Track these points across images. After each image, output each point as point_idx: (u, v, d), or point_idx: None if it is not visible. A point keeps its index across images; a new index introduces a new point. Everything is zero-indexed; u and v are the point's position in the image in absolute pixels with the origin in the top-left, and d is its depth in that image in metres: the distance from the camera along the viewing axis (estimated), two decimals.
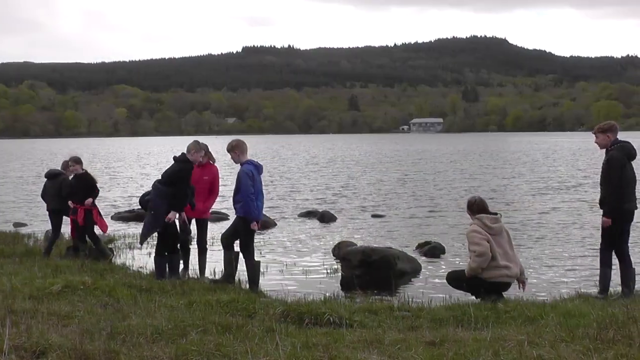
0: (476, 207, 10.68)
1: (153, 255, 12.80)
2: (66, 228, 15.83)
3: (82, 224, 14.77)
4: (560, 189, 33.86)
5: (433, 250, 17.06)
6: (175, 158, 12.28)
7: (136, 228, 20.99)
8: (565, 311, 8.85)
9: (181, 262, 13.03)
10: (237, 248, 12.17)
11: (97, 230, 15.17)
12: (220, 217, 23.68)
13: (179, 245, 12.75)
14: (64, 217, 15.23)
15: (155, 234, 12.39)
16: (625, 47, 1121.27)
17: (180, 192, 11.94)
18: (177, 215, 12.26)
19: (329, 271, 15.12)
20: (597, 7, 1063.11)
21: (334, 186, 38.21)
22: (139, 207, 14.33)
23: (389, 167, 56.88)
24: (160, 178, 12.28)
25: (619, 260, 11.06)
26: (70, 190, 14.79)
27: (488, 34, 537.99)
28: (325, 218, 23.85)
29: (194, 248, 13.75)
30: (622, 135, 11.14)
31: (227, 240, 12.13)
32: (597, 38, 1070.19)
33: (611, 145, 10.95)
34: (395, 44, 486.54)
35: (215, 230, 19.61)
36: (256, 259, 12.29)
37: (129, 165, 61.27)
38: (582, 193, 31.74)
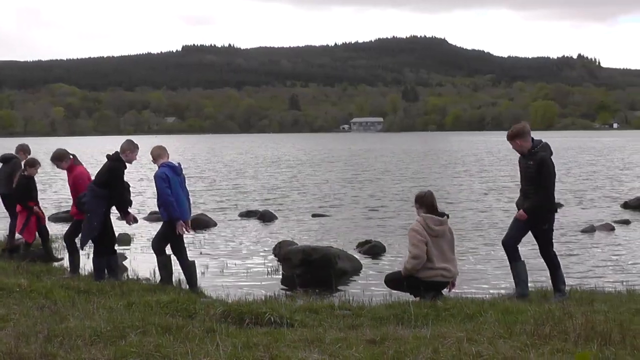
0: (424, 201, 10.57)
1: (91, 256, 12.62)
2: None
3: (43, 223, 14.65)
4: (505, 189, 34.26)
5: (373, 249, 17.15)
6: (108, 157, 12.11)
7: None
8: (503, 308, 8.97)
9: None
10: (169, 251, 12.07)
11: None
12: (159, 217, 23.47)
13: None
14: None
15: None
16: (561, 48, 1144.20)
17: (115, 192, 11.79)
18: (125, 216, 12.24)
19: (269, 271, 15.10)
20: (533, 9, 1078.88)
21: (275, 186, 38.17)
22: None
23: (331, 166, 57.01)
24: (95, 179, 12.11)
25: (549, 261, 10.85)
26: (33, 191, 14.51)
27: (427, 34, 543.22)
28: (266, 218, 23.80)
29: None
30: (559, 135, 11.18)
31: (157, 245, 11.96)
32: (533, 39, 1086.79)
33: (534, 147, 10.35)
34: (335, 44, 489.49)
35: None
36: (191, 259, 12.19)
37: None
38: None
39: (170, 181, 11.40)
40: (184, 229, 11.65)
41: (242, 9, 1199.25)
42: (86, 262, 13.82)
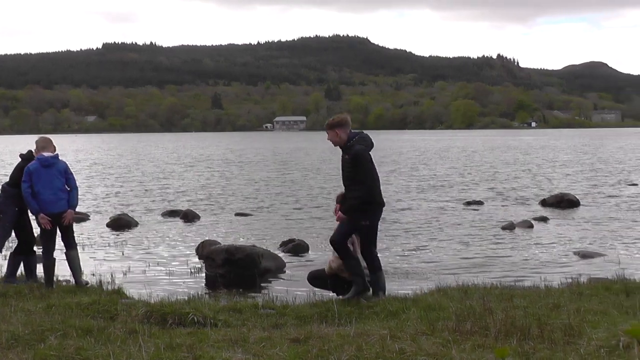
0: None
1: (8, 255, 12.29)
2: None
3: None
4: (432, 187, 34.63)
5: (297, 248, 17.19)
6: (21, 156, 11.83)
7: None
8: (426, 305, 9.06)
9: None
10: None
11: None
12: (81, 217, 23.04)
13: None
14: None
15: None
16: (481, 48, 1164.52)
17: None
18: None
19: (192, 270, 14.98)
20: (454, 9, 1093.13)
21: (199, 185, 37.92)
22: None
23: (256, 166, 56.89)
24: (8, 180, 11.82)
25: (369, 262, 10.11)
26: None
27: (350, 34, 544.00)
28: (189, 217, 23.60)
29: None
30: (480, 133, 11.29)
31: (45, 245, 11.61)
32: (454, 39, 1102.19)
33: (349, 140, 10.02)
34: (258, 42, 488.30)
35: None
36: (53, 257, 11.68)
37: None
38: (456, 191, 32.62)
39: (33, 174, 11.04)
40: (49, 223, 11.21)
41: (164, 6, 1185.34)
42: (2, 264, 13.49)
